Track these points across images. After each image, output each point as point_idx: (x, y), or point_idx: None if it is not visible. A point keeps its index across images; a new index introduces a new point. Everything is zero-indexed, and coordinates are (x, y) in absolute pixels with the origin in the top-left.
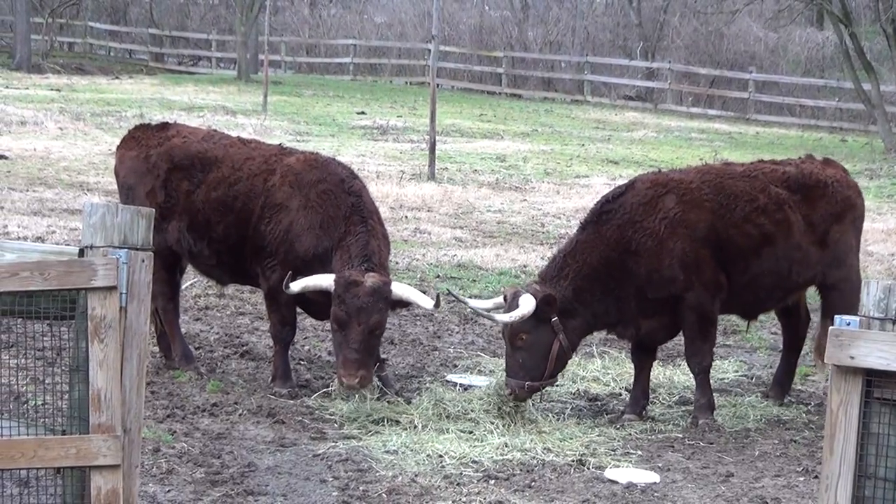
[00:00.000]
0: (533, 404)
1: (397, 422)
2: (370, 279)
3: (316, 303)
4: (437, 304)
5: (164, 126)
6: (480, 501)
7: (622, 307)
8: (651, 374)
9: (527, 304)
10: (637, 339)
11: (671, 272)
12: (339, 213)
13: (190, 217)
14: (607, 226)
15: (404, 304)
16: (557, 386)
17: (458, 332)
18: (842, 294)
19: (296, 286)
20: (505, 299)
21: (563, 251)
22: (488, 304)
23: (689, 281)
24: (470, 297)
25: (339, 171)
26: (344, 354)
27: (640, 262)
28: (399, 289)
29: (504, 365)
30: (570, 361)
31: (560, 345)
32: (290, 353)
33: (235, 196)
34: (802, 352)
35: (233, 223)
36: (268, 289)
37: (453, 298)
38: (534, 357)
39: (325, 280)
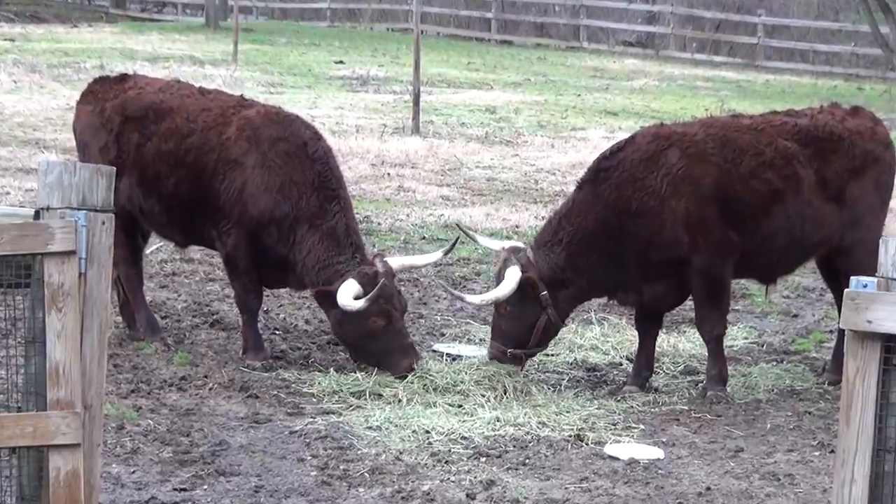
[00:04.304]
0: (526, 375)
1: (380, 395)
2: (381, 264)
3: (269, 269)
4: (446, 252)
5: (124, 78)
6: (471, 480)
7: (622, 272)
8: (656, 342)
9: (509, 281)
10: (640, 305)
11: (674, 234)
12: (304, 179)
13: (140, 171)
14: (605, 185)
15: None
16: (553, 355)
17: (445, 299)
18: (857, 257)
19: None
20: (499, 273)
21: (558, 213)
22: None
23: (696, 243)
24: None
25: (302, 130)
26: (403, 343)
27: (641, 224)
28: (398, 263)
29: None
30: (566, 329)
31: (548, 318)
32: (264, 322)
33: (188, 149)
34: (817, 317)
35: (184, 178)
36: (225, 254)
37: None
38: (518, 328)
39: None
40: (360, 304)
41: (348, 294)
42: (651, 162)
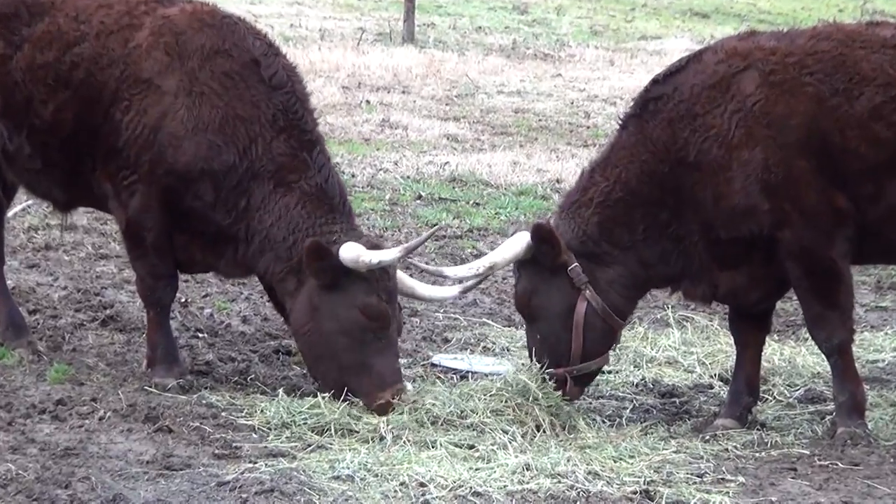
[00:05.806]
0: (570, 401)
1: (352, 431)
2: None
3: (191, 244)
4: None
5: None
6: None
7: (685, 252)
8: (763, 354)
9: (513, 243)
10: (715, 300)
11: (747, 199)
12: (258, 114)
13: (4, 95)
14: (654, 122)
15: None
16: (610, 373)
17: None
18: None
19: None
20: None
21: (593, 162)
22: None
23: (781, 211)
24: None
25: (250, 41)
26: (388, 366)
27: (702, 182)
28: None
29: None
30: (629, 335)
31: (589, 305)
32: (181, 320)
33: (75, 63)
34: None
35: (69, 105)
36: (125, 220)
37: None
38: (550, 326)
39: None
40: (395, 253)
41: (355, 251)
42: (717, 91)
